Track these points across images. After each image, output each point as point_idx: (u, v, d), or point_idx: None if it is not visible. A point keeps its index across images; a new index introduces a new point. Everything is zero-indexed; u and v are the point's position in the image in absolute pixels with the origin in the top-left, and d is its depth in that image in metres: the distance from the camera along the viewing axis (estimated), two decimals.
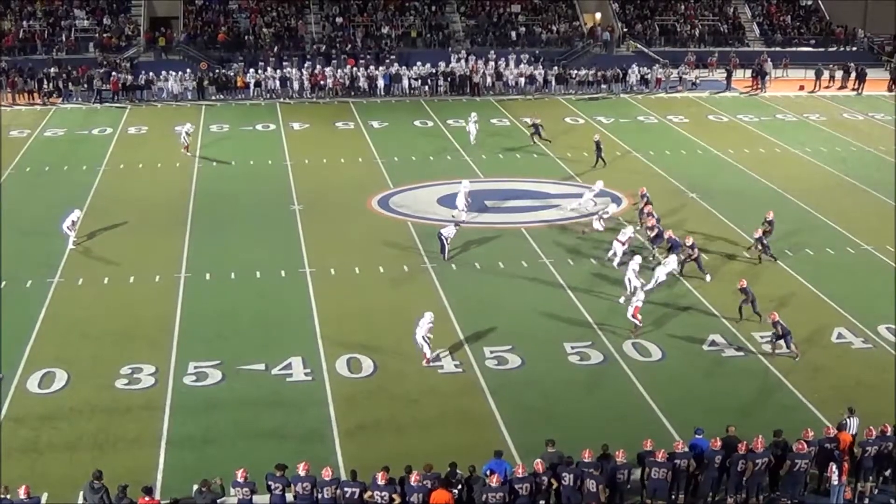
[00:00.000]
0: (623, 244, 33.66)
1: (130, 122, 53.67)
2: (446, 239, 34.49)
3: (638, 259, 31.75)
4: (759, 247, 34.23)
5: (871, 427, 21.66)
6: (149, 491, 19.58)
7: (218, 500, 19.82)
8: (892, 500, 21.50)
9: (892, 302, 31.51)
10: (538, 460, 20.59)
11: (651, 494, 20.63)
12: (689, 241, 33.42)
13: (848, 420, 22.27)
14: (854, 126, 56.54)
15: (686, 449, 21.06)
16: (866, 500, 21.32)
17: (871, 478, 21.54)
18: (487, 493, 19.57)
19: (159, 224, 37.87)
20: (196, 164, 46.29)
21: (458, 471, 20.27)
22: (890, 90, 66.38)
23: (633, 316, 28.69)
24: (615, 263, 33.46)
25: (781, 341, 27.47)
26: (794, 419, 23.75)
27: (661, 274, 31.72)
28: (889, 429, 21.65)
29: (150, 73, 60.63)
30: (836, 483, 20.52)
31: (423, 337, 26.73)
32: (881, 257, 35.28)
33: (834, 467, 20.60)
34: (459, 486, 20.01)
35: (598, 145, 46.17)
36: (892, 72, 68.42)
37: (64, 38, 65.53)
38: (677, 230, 35.44)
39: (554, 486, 20.37)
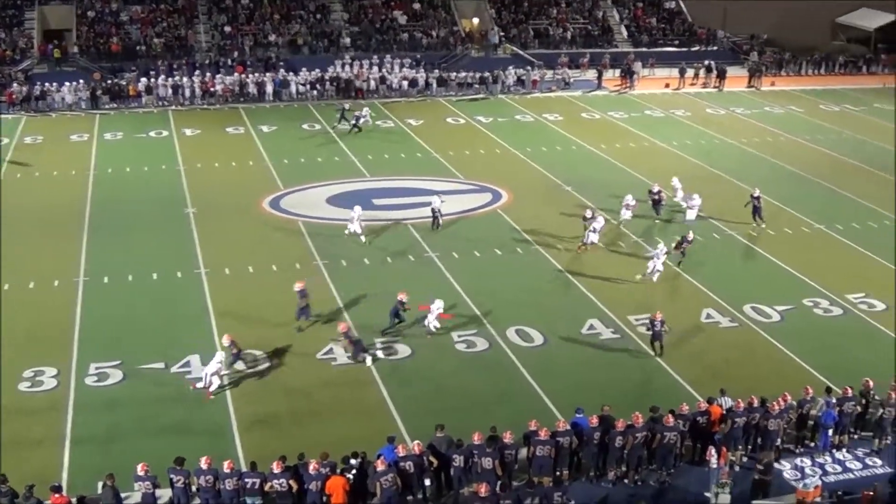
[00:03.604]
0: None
1: (26, 132, 53.33)
2: (438, 210, 36.73)
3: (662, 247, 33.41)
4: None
5: (740, 400, 23.33)
6: (57, 489, 20.08)
7: (122, 495, 20.30)
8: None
9: (756, 283, 33.76)
10: (416, 442, 21.74)
11: (537, 472, 21.74)
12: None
13: (721, 399, 23.87)
14: (717, 120, 59.42)
15: (568, 427, 22.33)
16: (736, 468, 22.60)
17: (740, 447, 23.16)
18: (379, 477, 20.53)
19: (57, 230, 38.00)
20: (91, 171, 46.33)
21: (352, 458, 21.18)
22: (747, 86, 69.72)
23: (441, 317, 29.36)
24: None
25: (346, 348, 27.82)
26: (670, 395, 25.35)
27: (658, 264, 33.07)
28: (756, 401, 23.37)
29: (46, 84, 60.38)
30: (714, 466, 21.69)
31: (212, 374, 25.83)
32: (743, 241, 37.62)
33: (713, 451, 21.88)
34: (354, 472, 20.89)
35: (358, 119, 53.26)
36: (749, 69, 71.91)
37: None
38: (553, 222, 37.86)
39: (434, 465, 21.46)
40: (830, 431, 23.63)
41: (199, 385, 25.87)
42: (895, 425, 24.05)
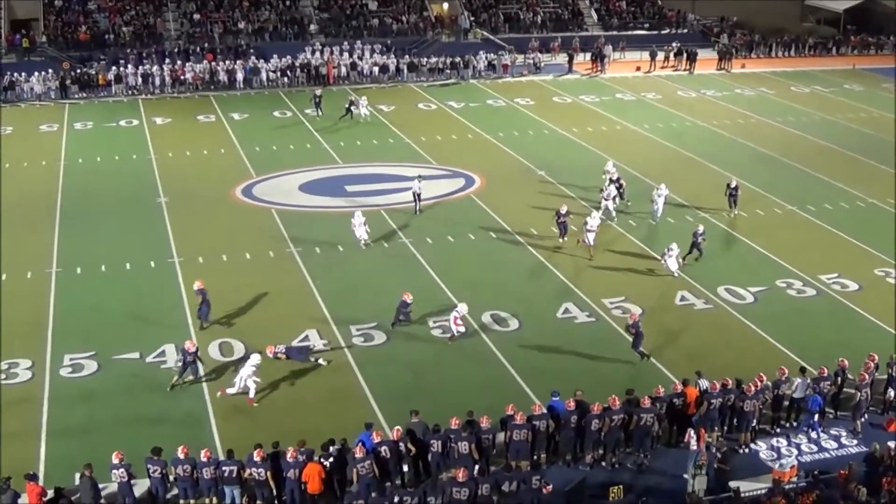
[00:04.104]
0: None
1: None
2: (418, 195, 37.23)
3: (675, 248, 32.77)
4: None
5: (715, 381, 23.45)
6: (33, 477, 20.00)
7: (99, 485, 20.22)
8: (737, 448, 23.20)
9: (729, 265, 33.92)
10: (396, 428, 21.73)
11: (514, 456, 21.74)
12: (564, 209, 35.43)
13: (698, 382, 23.92)
14: (687, 103, 59.62)
15: (544, 411, 22.36)
16: (713, 450, 22.59)
17: (716, 428, 23.23)
18: (356, 464, 20.53)
19: (28, 221, 37.65)
20: (62, 161, 45.96)
21: (331, 445, 21.17)
22: (718, 69, 70.02)
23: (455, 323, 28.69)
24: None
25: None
26: (645, 378, 25.46)
27: (672, 264, 32.66)
28: (730, 382, 23.47)
29: (14, 74, 59.83)
30: (693, 448, 21.78)
31: (248, 377, 24.94)
32: (717, 224, 37.68)
33: (691, 433, 22.04)
34: (331, 459, 20.86)
35: (351, 103, 53.15)
36: (719, 52, 72.18)
37: None
38: (526, 206, 37.97)
39: (412, 452, 21.47)
40: (816, 416, 23.73)
41: (230, 391, 25.07)
42: (869, 406, 24.26)
